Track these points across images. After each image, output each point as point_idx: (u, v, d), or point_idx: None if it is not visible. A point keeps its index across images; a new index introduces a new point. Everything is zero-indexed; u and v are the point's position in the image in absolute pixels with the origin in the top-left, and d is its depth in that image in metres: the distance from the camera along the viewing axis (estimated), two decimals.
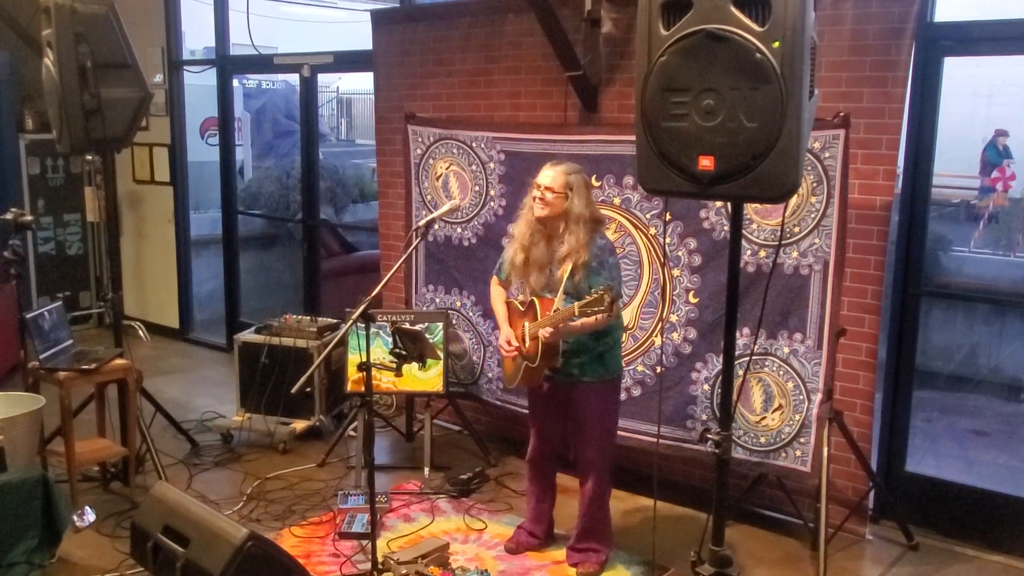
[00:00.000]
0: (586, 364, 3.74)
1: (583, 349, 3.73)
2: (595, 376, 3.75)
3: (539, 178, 3.69)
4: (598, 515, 3.90)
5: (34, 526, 3.72)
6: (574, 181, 3.66)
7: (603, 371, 3.76)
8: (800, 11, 2.29)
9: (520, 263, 3.77)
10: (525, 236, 3.75)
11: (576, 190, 3.65)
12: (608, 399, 3.82)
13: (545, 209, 3.64)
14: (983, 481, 4.69)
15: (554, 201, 3.63)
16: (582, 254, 3.60)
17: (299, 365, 5.13)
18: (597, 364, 3.75)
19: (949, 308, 7.05)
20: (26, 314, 4.32)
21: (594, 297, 3.41)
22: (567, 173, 3.67)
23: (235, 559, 2.87)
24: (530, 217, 3.73)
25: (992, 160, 9.62)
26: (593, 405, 3.78)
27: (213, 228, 7.88)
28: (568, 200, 3.63)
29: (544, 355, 3.68)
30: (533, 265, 3.74)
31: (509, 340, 3.81)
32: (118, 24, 4.54)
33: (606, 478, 3.87)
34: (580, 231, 3.62)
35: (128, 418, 4.54)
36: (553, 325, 3.58)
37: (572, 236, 3.62)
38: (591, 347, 3.73)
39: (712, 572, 2.78)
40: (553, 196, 3.63)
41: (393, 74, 5.64)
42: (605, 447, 3.84)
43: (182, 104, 7.45)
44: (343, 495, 4.43)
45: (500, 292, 4.00)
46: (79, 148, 4.66)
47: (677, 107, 2.46)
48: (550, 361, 3.70)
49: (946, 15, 4.16)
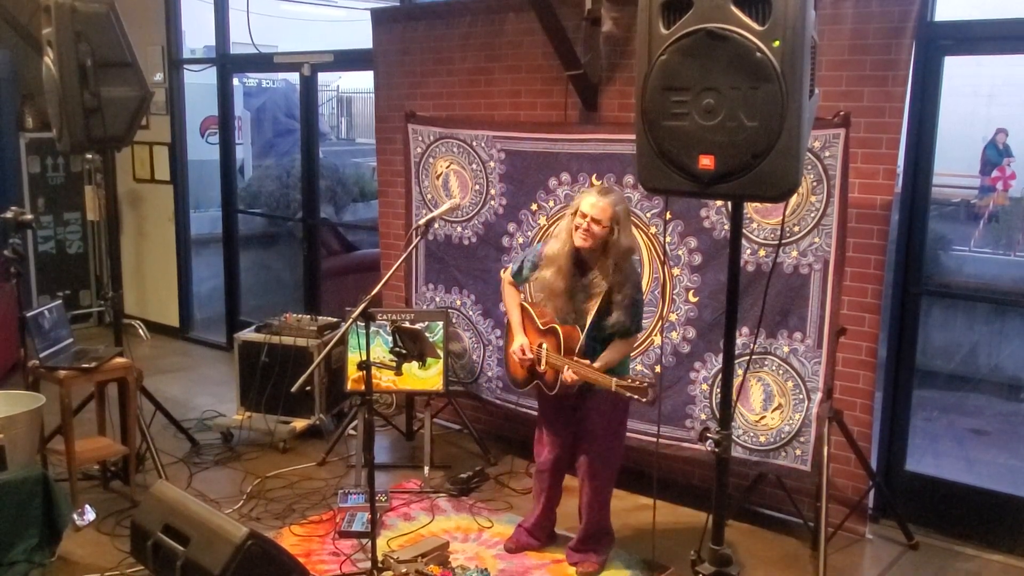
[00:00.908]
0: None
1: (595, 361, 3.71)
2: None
3: (584, 207, 3.56)
4: (600, 519, 3.91)
5: (34, 525, 3.73)
6: (620, 213, 3.56)
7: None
8: (800, 10, 2.29)
9: (560, 290, 3.65)
10: (565, 263, 3.63)
11: (622, 223, 3.57)
12: (618, 409, 3.82)
13: (588, 241, 3.55)
14: (983, 480, 4.69)
15: (599, 233, 3.54)
16: (625, 292, 3.57)
17: (299, 364, 5.13)
18: (611, 374, 3.72)
19: (949, 307, 7.05)
20: (26, 313, 4.32)
21: (636, 384, 3.40)
22: (614, 205, 3.55)
23: (235, 558, 2.88)
24: (568, 245, 3.62)
25: (992, 159, 9.62)
26: (604, 414, 3.78)
27: (213, 227, 7.88)
28: (613, 234, 3.55)
29: (561, 387, 3.69)
30: (563, 291, 3.66)
31: (524, 349, 3.78)
32: (118, 23, 4.53)
33: (610, 485, 3.89)
34: (623, 265, 3.58)
35: (128, 417, 4.54)
36: (583, 378, 3.56)
37: (616, 273, 3.56)
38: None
39: (712, 571, 2.78)
40: (599, 229, 3.53)
41: (393, 73, 5.64)
42: (612, 457, 3.84)
43: (182, 103, 7.44)
44: (343, 494, 4.43)
45: (515, 295, 3.94)
46: (79, 147, 4.66)
47: (677, 106, 2.46)
48: (566, 391, 3.71)
49: (946, 14, 4.16)
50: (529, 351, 3.78)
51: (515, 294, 3.96)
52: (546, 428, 3.95)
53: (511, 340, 3.88)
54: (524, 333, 3.85)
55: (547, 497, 4.02)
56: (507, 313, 4.00)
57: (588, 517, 3.89)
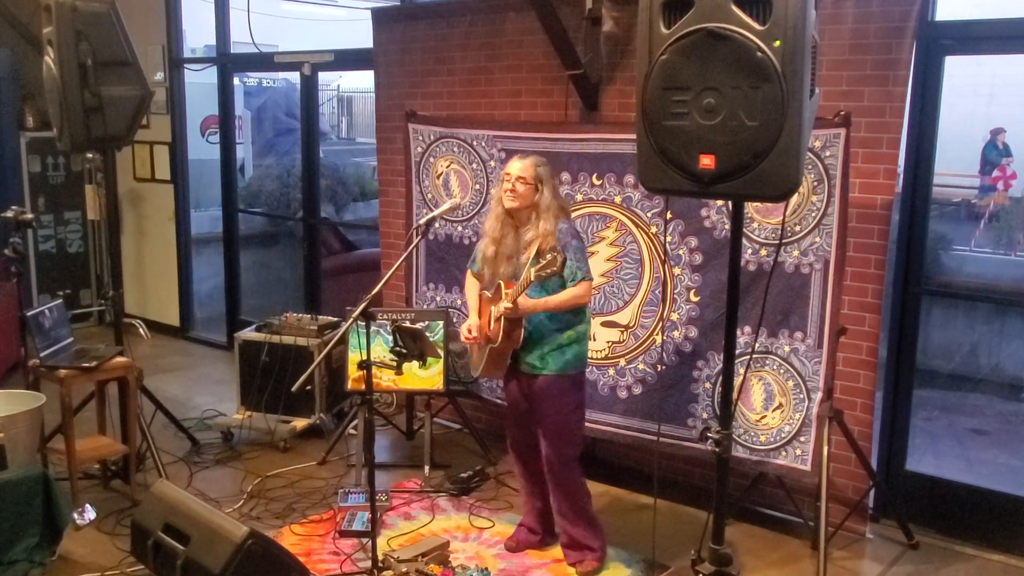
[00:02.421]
0: (547, 355, 3.73)
1: (545, 337, 3.73)
2: (555, 368, 3.74)
3: (509, 168, 3.76)
4: (567, 506, 3.86)
5: (35, 524, 3.73)
6: (543, 173, 3.74)
7: (564, 364, 3.74)
8: (801, 10, 2.29)
9: (491, 255, 3.83)
10: (495, 229, 3.83)
11: (545, 182, 3.73)
12: (566, 393, 3.78)
13: (516, 200, 3.71)
14: (983, 480, 4.69)
15: (525, 192, 3.70)
16: (548, 239, 3.65)
17: (299, 363, 5.13)
18: (558, 356, 3.74)
19: (949, 307, 7.05)
20: (27, 312, 4.32)
21: (547, 260, 3.47)
22: (536, 165, 3.74)
23: (235, 557, 2.88)
24: (499, 210, 3.81)
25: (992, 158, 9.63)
26: (550, 397, 3.75)
27: (213, 226, 7.88)
28: (538, 192, 3.71)
29: (505, 334, 3.71)
30: (502, 256, 3.81)
31: (471, 328, 3.87)
32: (119, 22, 4.53)
33: (572, 474, 3.84)
34: (548, 219, 3.69)
35: (128, 416, 4.54)
36: (511, 300, 3.61)
37: (540, 223, 3.68)
38: (554, 338, 3.73)
39: (712, 571, 2.79)
40: (524, 187, 3.70)
41: (394, 72, 5.64)
42: (561, 443, 3.79)
43: (183, 102, 7.44)
44: (343, 493, 4.43)
45: (474, 283, 4.07)
46: (80, 146, 4.66)
47: (678, 106, 2.46)
48: (512, 342, 3.73)
49: (947, 14, 4.16)
50: (475, 329, 3.86)
51: (474, 283, 4.07)
52: (508, 410, 4.00)
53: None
54: (480, 315, 3.92)
55: (524, 481, 4.01)
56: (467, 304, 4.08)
57: (559, 509, 3.89)
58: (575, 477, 3.86)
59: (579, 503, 3.88)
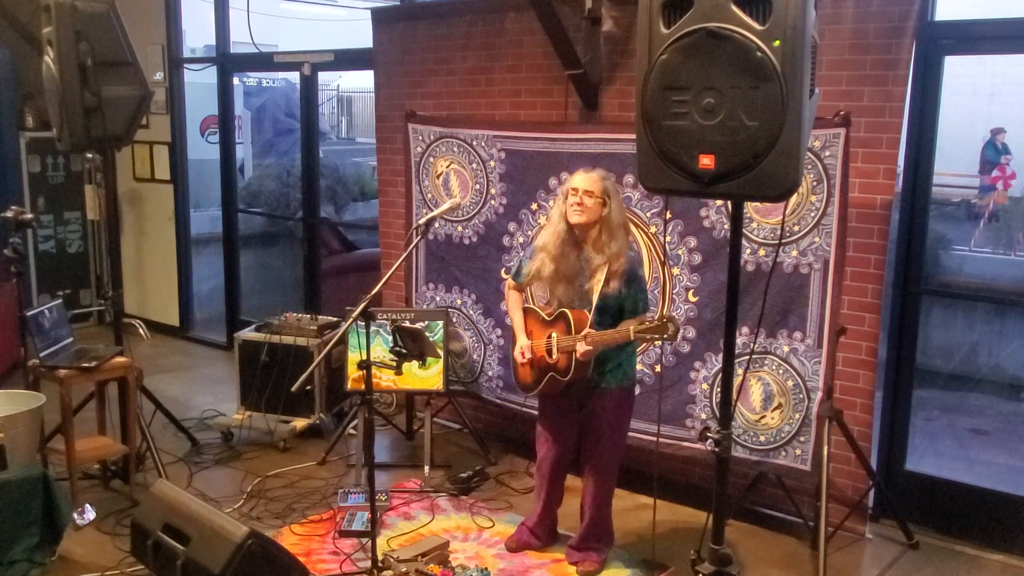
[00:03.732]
0: (608, 372, 3.74)
1: (608, 359, 3.72)
2: (615, 383, 3.75)
3: (575, 182, 3.59)
4: (603, 518, 3.91)
5: (34, 524, 3.73)
6: (610, 187, 3.61)
7: (622, 377, 3.77)
8: (801, 10, 2.29)
9: (549, 275, 3.68)
10: (555, 247, 3.65)
11: (613, 196, 3.60)
12: (624, 405, 3.82)
13: (583, 215, 3.56)
14: (983, 480, 4.69)
15: (593, 207, 3.56)
16: (621, 262, 3.55)
17: (299, 363, 5.13)
18: (618, 371, 3.75)
19: (949, 307, 7.05)
20: (26, 312, 4.32)
21: (656, 325, 3.38)
22: (603, 178, 3.60)
23: (235, 557, 2.88)
24: (561, 227, 3.64)
25: (991, 158, 9.64)
26: (611, 412, 3.77)
27: (213, 226, 7.88)
28: (606, 206, 3.58)
29: (577, 369, 3.64)
30: (562, 277, 3.67)
31: (524, 352, 3.78)
32: (118, 22, 4.53)
33: (613, 483, 3.89)
34: (619, 238, 3.58)
35: (128, 416, 4.54)
36: (602, 342, 3.53)
37: (613, 243, 3.56)
38: (615, 357, 3.73)
39: (712, 571, 2.78)
40: (592, 201, 3.55)
41: (393, 72, 5.64)
42: (616, 453, 3.84)
43: (182, 102, 7.44)
44: (343, 493, 4.44)
45: (518, 298, 3.95)
46: (79, 146, 4.66)
47: (678, 106, 2.46)
48: (581, 374, 3.66)
49: (947, 14, 4.16)
50: (529, 351, 3.77)
51: (517, 297, 3.95)
52: (549, 427, 3.94)
53: (515, 345, 3.88)
54: (528, 334, 3.84)
55: (547, 495, 4.01)
56: (511, 318, 3.99)
57: (591, 515, 3.89)
58: (614, 485, 3.90)
59: (608, 511, 3.92)
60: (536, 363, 3.78)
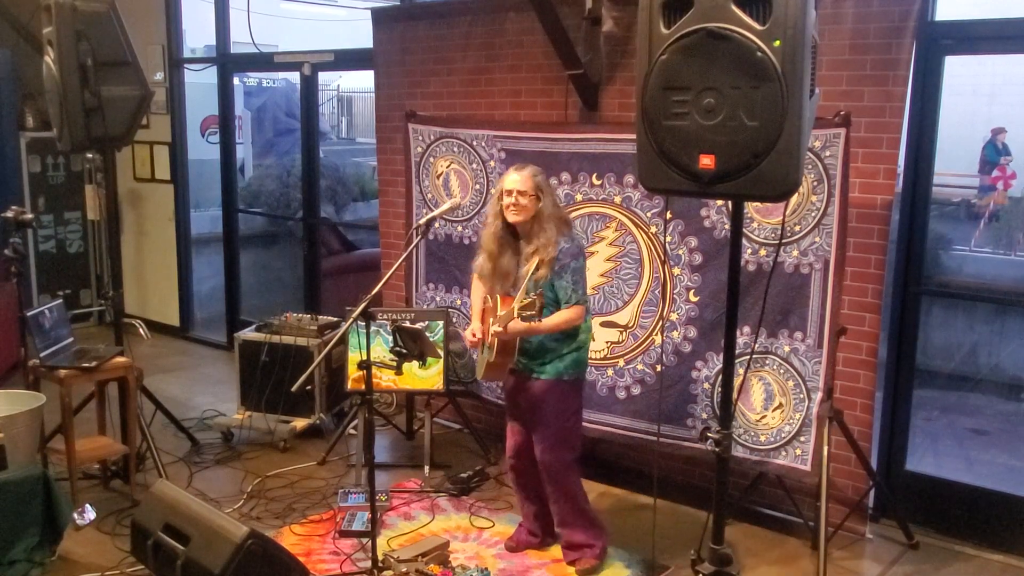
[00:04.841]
0: (547, 363, 3.75)
1: (547, 351, 3.74)
2: (552, 374, 3.75)
3: (507, 184, 3.70)
4: (567, 509, 3.87)
5: (35, 524, 3.73)
6: (542, 183, 3.71)
7: (562, 370, 3.75)
8: (801, 10, 2.29)
9: (488, 273, 3.81)
10: (492, 246, 3.78)
11: (545, 191, 3.70)
12: (564, 397, 3.78)
13: (520, 214, 3.66)
14: (983, 480, 4.69)
15: (527, 204, 3.65)
16: (550, 251, 3.62)
17: (299, 363, 5.13)
18: (557, 363, 3.75)
19: (949, 307, 7.05)
20: (27, 312, 4.32)
21: (528, 301, 3.42)
22: (533, 175, 3.69)
23: (235, 557, 2.88)
24: (496, 226, 3.76)
25: (991, 157, 9.64)
26: (547, 401, 3.76)
27: (213, 226, 7.89)
28: (540, 202, 3.67)
29: (500, 351, 3.70)
30: (499, 273, 3.78)
31: (474, 332, 3.85)
32: (119, 22, 4.54)
33: (569, 475, 3.84)
34: (550, 229, 3.65)
35: (128, 416, 4.54)
36: (501, 325, 3.59)
37: (543, 235, 3.65)
38: (556, 349, 3.74)
39: (712, 571, 2.79)
40: (526, 200, 3.65)
41: (394, 72, 5.64)
42: (559, 448, 3.78)
43: (183, 102, 7.44)
44: (343, 493, 4.44)
45: (479, 287, 4.02)
46: (80, 146, 4.66)
47: (678, 106, 2.46)
48: (507, 358, 3.73)
49: (947, 14, 4.16)
50: (479, 331, 3.84)
51: (479, 286, 4.01)
52: (508, 418, 3.98)
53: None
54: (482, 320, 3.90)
55: (521, 492, 4.01)
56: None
57: (561, 518, 3.89)
58: (573, 480, 3.86)
59: (577, 505, 3.88)
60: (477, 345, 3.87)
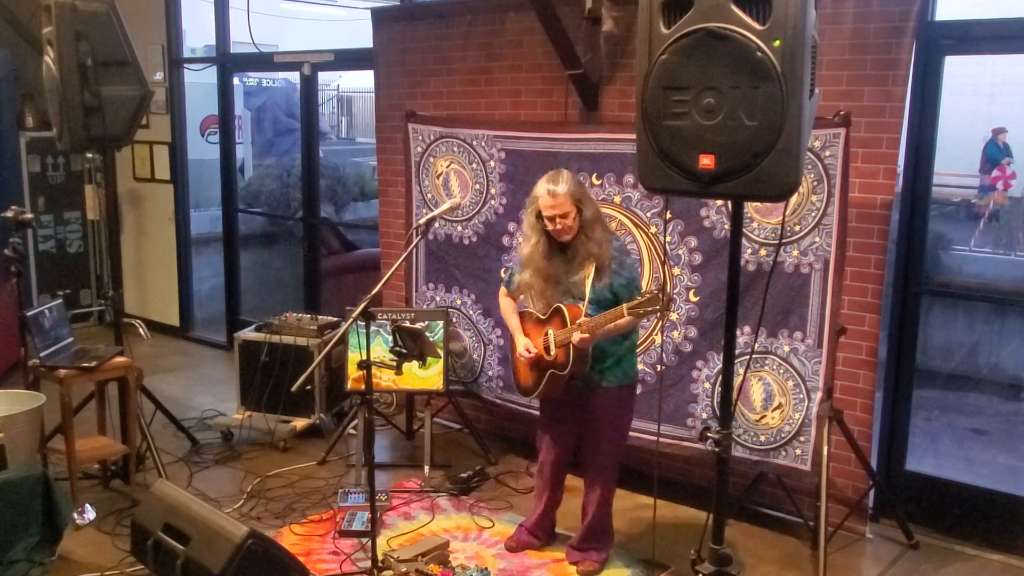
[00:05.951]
0: (607, 369, 3.73)
1: (606, 354, 3.72)
2: (615, 381, 3.75)
3: (549, 209, 3.59)
4: (604, 517, 3.91)
5: (35, 524, 3.73)
6: (577, 191, 3.63)
7: (622, 376, 3.77)
8: (801, 10, 2.29)
9: (539, 289, 3.73)
10: (540, 262, 3.70)
11: (584, 199, 3.64)
12: (625, 404, 3.83)
13: (570, 233, 3.63)
14: (983, 480, 4.69)
15: (572, 223, 3.61)
16: (603, 254, 3.59)
17: (299, 363, 5.13)
18: (616, 368, 3.75)
19: (949, 307, 7.05)
20: (26, 312, 4.32)
21: (647, 298, 3.39)
22: (570, 192, 3.60)
23: (235, 557, 2.88)
24: (537, 240, 3.69)
25: (993, 157, 9.64)
26: (611, 410, 3.78)
27: (213, 226, 7.89)
28: (582, 213, 3.62)
29: (575, 361, 3.65)
30: (552, 283, 3.72)
31: (528, 347, 3.78)
32: (118, 22, 4.53)
33: (614, 482, 3.89)
34: (596, 231, 3.63)
35: (128, 416, 4.54)
36: (599, 328, 3.53)
37: (593, 241, 3.61)
38: (613, 351, 3.73)
39: (712, 571, 2.78)
40: (571, 220, 3.60)
41: (394, 72, 5.64)
42: (617, 453, 3.85)
43: (182, 102, 7.44)
44: (343, 493, 4.44)
45: (510, 303, 3.97)
46: (79, 146, 4.66)
47: (678, 105, 2.46)
48: (580, 368, 3.67)
49: (947, 14, 4.16)
50: (533, 347, 3.78)
51: (510, 302, 3.98)
52: (550, 430, 3.95)
53: (514, 347, 3.88)
54: (525, 334, 3.85)
55: (548, 496, 4.02)
56: (507, 323, 4.00)
57: (593, 514, 3.89)
58: (616, 476, 3.90)
59: (609, 509, 3.92)
60: (536, 363, 3.79)
